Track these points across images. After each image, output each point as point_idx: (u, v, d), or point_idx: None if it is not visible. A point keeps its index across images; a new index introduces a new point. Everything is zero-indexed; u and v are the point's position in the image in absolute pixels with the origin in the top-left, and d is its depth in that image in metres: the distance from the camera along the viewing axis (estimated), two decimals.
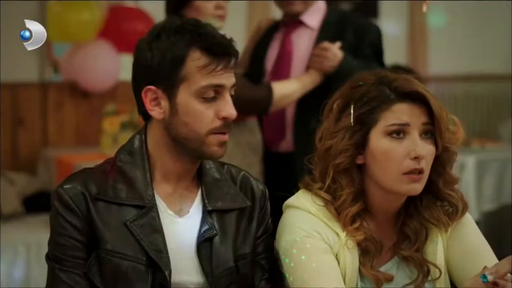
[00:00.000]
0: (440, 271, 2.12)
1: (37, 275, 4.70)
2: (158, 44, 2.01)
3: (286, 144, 3.60)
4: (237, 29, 3.75)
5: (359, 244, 2.07)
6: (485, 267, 1.96)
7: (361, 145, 2.08)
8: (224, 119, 2.02)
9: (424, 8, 6.06)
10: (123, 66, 5.61)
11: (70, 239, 2.01)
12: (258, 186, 2.19)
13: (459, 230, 2.15)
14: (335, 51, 3.50)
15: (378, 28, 3.69)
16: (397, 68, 2.20)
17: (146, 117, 2.08)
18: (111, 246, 2.00)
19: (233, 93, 2.05)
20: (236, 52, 2.04)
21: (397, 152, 2.04)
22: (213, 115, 2.01)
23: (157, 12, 4.59)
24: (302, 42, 3.63)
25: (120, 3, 5.81)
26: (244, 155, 3.57)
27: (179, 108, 2.01)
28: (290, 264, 2.05)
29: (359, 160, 2.09)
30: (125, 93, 5.67)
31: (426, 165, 2.06)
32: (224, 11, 3.51)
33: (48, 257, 2.06)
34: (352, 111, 2.08)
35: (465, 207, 2.15)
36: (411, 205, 2.13)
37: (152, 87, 2.01)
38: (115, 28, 5.51)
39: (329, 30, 3.60)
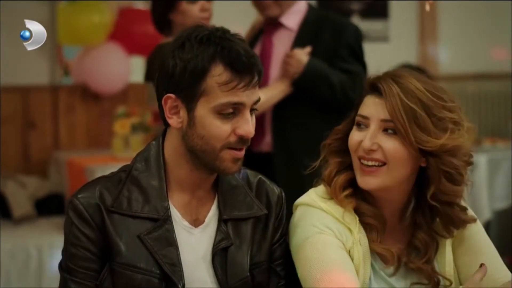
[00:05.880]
0: (450, 281, 2.11)
1: (49, 278, 4.72)
2: (181, 54, 1.95)
3: (266, 145, 3.61)
4: (244, 30, 3.75)
5: (366, 226, 2.06)
6: (481, 264, 2.00)
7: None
8: (241, 137, 1.98)
9: (427, 8, 6.06)
10: (133, 69, 5.63)
11: (84, 250, 1.98)
12: (274, 191, 2.16)
13: (465, 231, 2.14)
14: (298, 58, 3.49)
15: (356, 28, 3.64)
16: (407, 68, 2.19)
17: (166, 123, 2.03)
18: (125, 259, 1.97)
19: (256, 108, 2.01)
20: (260, 69, 1.98)
21: (353, 140, 2.08)
22: (230, 130, 1.96)
23: None
24: (281, 43, 3.62)
25: (130, 4, 5.82)
26: None
27: (196, 120, 1.96)
28: (301, 261, 2.04)
29: None
30: (136, 95, 5.69)
31: (390, 162, 2.02)
32: (208, 13, 3.53)
33: (61, 267, 2.03)
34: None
35: (466, 223, 2.11)
36: (420, 215, 2.11)
37: (172, 95, 1.97)
38: (125, 31, 5.52)
39: (306, 31, 3.59)
